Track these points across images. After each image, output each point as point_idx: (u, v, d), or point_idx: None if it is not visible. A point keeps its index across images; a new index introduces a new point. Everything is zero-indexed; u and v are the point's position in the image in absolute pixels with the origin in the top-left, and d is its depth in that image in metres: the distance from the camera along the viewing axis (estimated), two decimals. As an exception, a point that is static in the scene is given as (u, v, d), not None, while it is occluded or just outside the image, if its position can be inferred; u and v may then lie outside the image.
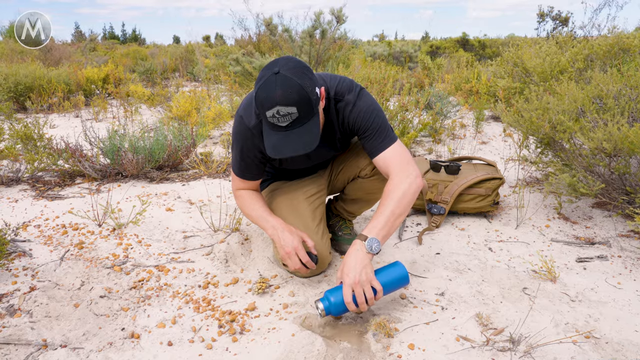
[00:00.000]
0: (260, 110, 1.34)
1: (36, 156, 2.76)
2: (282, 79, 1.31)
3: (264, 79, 1.33)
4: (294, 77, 1.31)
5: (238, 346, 1.35)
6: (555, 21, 7.88)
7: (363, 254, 1.40)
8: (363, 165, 1.77)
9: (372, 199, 1.89)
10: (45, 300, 1.53)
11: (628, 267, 1.82)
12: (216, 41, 18.47)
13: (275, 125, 1.35)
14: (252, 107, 1.54)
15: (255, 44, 7.69)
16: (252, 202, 1.71)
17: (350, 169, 1.82)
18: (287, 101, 1.30)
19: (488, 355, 1.31)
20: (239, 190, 1.75)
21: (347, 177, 1.85)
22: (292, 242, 1.59)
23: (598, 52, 2.90)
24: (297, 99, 1.31)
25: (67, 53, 9.61)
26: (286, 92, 1.30)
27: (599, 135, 1.86)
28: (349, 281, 1.36)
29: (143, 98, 5.40)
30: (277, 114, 1.32)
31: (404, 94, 3.70)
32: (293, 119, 1.33)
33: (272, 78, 1.31)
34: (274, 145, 1.37)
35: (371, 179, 1.77)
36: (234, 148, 1.65)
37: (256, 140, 1.56)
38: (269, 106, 1.31)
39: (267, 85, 1.32)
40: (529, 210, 2.37)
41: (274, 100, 1.30)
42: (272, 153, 1.38)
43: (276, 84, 1.30)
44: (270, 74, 1.32)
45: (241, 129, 1.57)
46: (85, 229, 2.12)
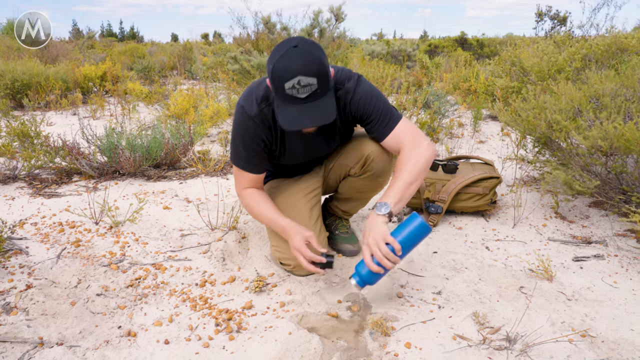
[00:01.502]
0: (278, 83, 1.33)
1: (33, 154, 2.75)
2: (302, 51, 1.32)
3: (281, 53, 1.33)
4: (314, 51, 1.34)
5: (235, 344, 1.35)
6: (553, 21, 7.89)
7: (374, 217, 1.45)
8: (351, 164, 1.76)
9: (363, 197, 1.89)
10: (41, 298, 1.52)
11: (624, 266, 1.82)
12: (214, 39, 18.44)
13: (294, 97, 1.34)
14: (252, 97, 1.54)
15: (254, 42, 7.67)
16: (260, 203, 1.67)
17: (339, 168, 1.82)
18: (308, 71, 1.31)
19: (484, 354, 1.31)
20: (244, 189, 1.70)
21: (337, 175, 1.85)
22: (293, 243, 1.55)
23: (596, 51, 2.91)
24: (318, 70, 1.33)
25: (65, 50, 9.57)
26: (308, 63, 1.31)
27: (594, 134, 1.86)
28: (366, 246, 1.42)
29: (141, 96, 5.38)
30: (298, 85, 1.32)
31: (402, 92, 3.70)
32: (312, 90, 1.34)
33: (292, 50, 1.32)
34: (292, 117, 1.36)
35: (361, 178, 1.77)
36: (235, 140, 1.62)
37: (258, 129, 1.56)
38: (290, 76, 1.31)
39: (287, 57, 1.32)
40: (526, 210, 2.38)
41: (296, 70, 1.31)
42: (290, 125, 1.37)
43: (297, 55, 1.31)
44: (289, 47, 1.33)
45: (243, 118, 1.56)
46: (82, 226, 2.11)
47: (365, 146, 1.71)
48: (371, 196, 1.90)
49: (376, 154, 1.69)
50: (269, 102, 1.54)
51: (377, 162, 1.70)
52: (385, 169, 1.73)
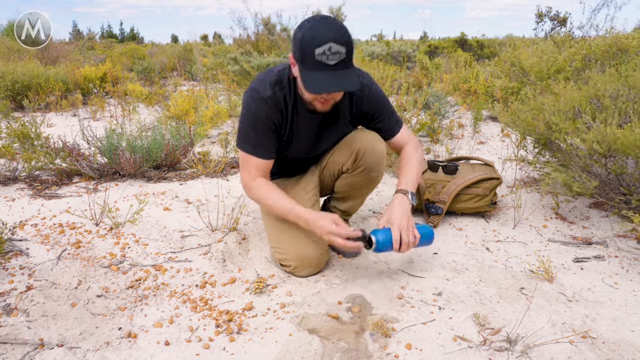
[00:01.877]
0: (308, 50, 1.37)
1: (33, 155, 2.75)
2: (332, 21, 1.39)
3: (311, 24, 1.39)
4: (342, 24, 1.41)
5: (235, 346, 1.35)
6: (553, 21, 7.89)
7: (407, 204, 1.60)
8: (343, 161, 1.78)
9: (360, 195, 1.89)
10: (42, 300, 1.52)
11: (625, 267, 1.82)
12: (214, 40, 18.44)
13: (323, 64, 1.38)
14: (266, 82, 1.59)
15: (254, 43, 7.68)
16: (274, 193, 1.63)
17: (333, 166, 1.83)
18: (339, 39, 1.36)
19: (485, 355, 1.31)
20: (254, 180, 1.66)
21: (332, 173, 1.85)
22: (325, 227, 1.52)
23: (596, 52, 2.91)
24: (347, 40, 1.39)
25: (65, 52, 9.57)
26: (338, 32, 1.37)
27: (591, 137, 1.86)
28: (399, 223, 1.55)
29: (141, 97, 5.39)
30: (329, 51, 1.36)
31: (402, 93, 3.70)
32: (341, 58, 1.38)
33: (322, 21, 1.39)
34: (320, 82, 1.40)
35: (354, 174, 1.78)
36: (246, 123, 1.61)
37: (270, 111, 1.58)
38: (321, 43, 1.35)
39: (318, 26, 1.38)
40: (526, 211, 2.38)
41: (327, 37, 1.36)
42: (317, 89, 1.41)
43: (327, 24, 1.38)
44: (319, 19, 1.40)
45: (256, 100, 1.58)
46: (82, 228, 2.11)
47: (356, 142, 1.73)
48: (367, 193, 1.90)
49: (367, 148, 1.71)
50: (282, 86, 1.59)
51: (368, 157, 1.72)
52: (377, 163, 1.74)
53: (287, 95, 1.60)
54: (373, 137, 1.74)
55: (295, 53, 1.44)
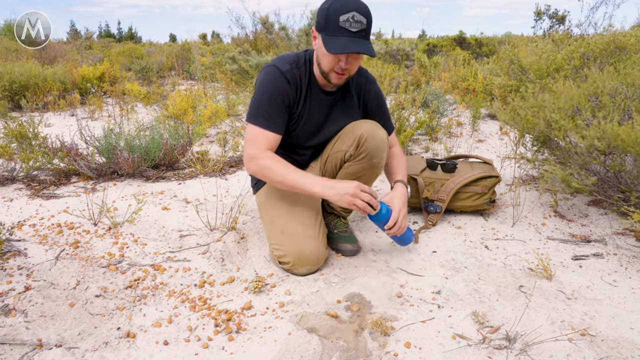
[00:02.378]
0: (333, 16, 1.50)
1: (31, 155, 2.74)
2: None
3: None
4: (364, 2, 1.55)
5: (234, 345, 1.35)
6: (552, 19, 7.89)
7: (406, 194, 1.80)
8: (346, 147, 1.79)
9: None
10: (40, 300, 1.52)
11: (623, 264, 1.82)
12: (213, 39, 18.42)
13: (345, 30, 1.51)
14: (284, 59, 1.70)
15: (252, 42, 7.67)
16: (282, 166, 1.64)
17: (335, 155, 1.84)
18: (362, 10, 1.51)
19: (484, 353, 1.31)
20: (261, 152, 1.65)
21: (334, 164, 1.85)
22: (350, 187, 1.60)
23: (594, 50, 2.91)
24: (368, 14, 1.54)
25: (63, 51, 9.56)
26: (362, 4, 1.52)
27: (591, 133, 1.86)
28: (399, 208, 1.73)
29: (139, 96, 5.38)
30: (352, 19, 1.50)
31: (401, 92, 3.70)
32: (362, 27, 1.52)
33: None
34: (342, 44, 1.52)
35: (356, 160, 1.78)
36: (260, 95, 1.67)
37: (287, 85, 1.67)
38: (346, 10, 1.49)
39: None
40: (525, 208, 2.38)
41: (352, 6, 1.50)
42: (339, 49, 1.51)
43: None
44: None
45: (274, 72, 1.67)
46: (80, 228, 2.11)
47: (358, 128, 1.77)
48: (369, 183, 1.89)
49: (369, 134, 1.74)
50: (299, 65, 1.70)
51: (370, 142, 1.73)
52: (379, 149, 1.75)
53: (302, 75, 1.71)
54: (374, 124, 1.78)
55: (319, 23, 1.56)
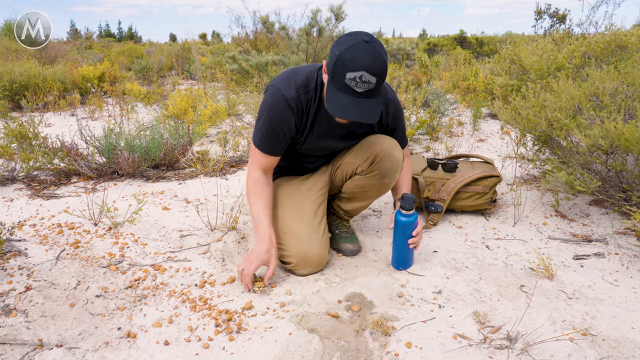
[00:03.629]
0: (341, 70, 1.38)
1: (31, 155, 2.74)
2: (372, 49, 1.37)
3: (351, 43, 1.38)
4: (382, 53, 1.39)
5: (235, 345, 1.35)
6: (552, 18, 7.88)
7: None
8: (360, 162, 1.77)
9: (367, 197, 1.88)
10: (41, 300, 1.52)
11: (625, 264, 1.82)
12: (213, 39, 18.42)
13: (350, 89, 1.40)
14: (291, 82, 1.59)
15: (252, 42, 7.66)
16: (259, 196, 1.69)
17: (347, 166, 1.82)
18: (373, 70, 1.37)
19: (485, 353, 1.31)
20: (255, 171, 1.72)
21: (344, 174, 1.85)
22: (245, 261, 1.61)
23: (595, 49, 2.90)
24: (380, 72, 1.39)
25: (63, 51, 9.56)
26: (375, 61, 1.37)
27: (595, 132, 1.86)
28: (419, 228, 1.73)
29: (139, 96, 5.37)
30: (359, 79, 1.37)
31: (402, 91, 3.69)
32: (369, 88, 1.40)
33: (363, 45, 1.37)
34: (342, 106, 1.42)
35: (367, 176, 1.77)
36: (262, 118, 1.64)
37: (290, 112, 1.61)
38: (354, 69, 1.36)
39: (357, 49, 1.37)
40: (526, 208, 2.37)
41: (362, 64, 1.36)
42: (337, 113, 1.43)
43: (367, 51, 1.37)
44: (361, 40, 1.38)
45: (277, 99, 1.59)
46: (81, 228, 2.10)
47: (375, 146, 1.74)
48: (375, 197, 1.88)
49: (385, 154, 1.72)
50: (307, 89, 1.60)
51: (385, 162, 1.72)
52: (393, 170, 1.74)
53: (311, 99, 1.62)
54: (392, 143, 1.75)
55: (328, 66, 1.45)
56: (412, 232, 1.69)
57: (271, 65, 5.72)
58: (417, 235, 1.69)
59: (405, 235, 1.69)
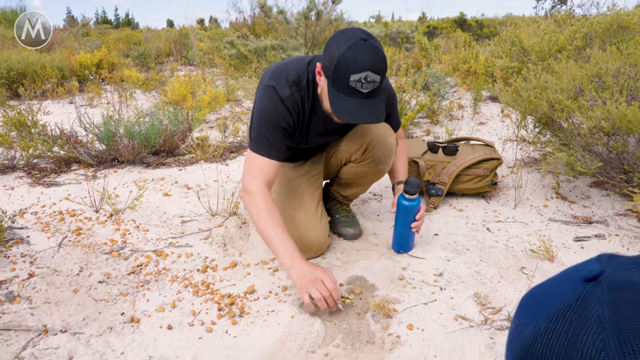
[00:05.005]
0: (343, 73, 1.31)
1: (31, 143, 2.73)
2: (372, 46, 1.32)
3: (350, 43, 1.31)
4: (380, 49, 1.34)
5: (237, 329, 1.36)
6: (553, 0, 7.78)
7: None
8: (353, 151, 1.76)
9: (364, 183, 1.87)
10: (44, 287, 1.53)
11: (625, 245, 1.82)
12: (210, 24, 18.21)
13: (355, 91, 1.33)
14: (283, 79, 1.50)
15: (250, 27, 7.59)
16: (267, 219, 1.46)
17: (341, 154, 1.81)
18: (377, 69, 1.32)
19: (486, 334, 1.32)
20: (259, 186, 1.49)
21: (339, 161, 1.84)
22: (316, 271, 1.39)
23: (597, 30, 2.87)
24: (383, 69, 1.34)
25: (60, 38, 9.46)
26: (377, 60, 1.32)
27: (597, 114, 1.84)
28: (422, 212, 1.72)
29: (137, 83, 5.34)
30: (364, 80, 1.32)
31: (401, 75, 3.66)
32: (374, 87, 1.35)
33: (362, 43, 1.31)
34: (350, 110, 1.35)
35: (362, 164, 1.76)
36: (259, 120, 1.51)
37: (287, 112, 1.51)
38: (359, 70, 1.30)
39: (357, 49, 1.30)
40: (526, 191, 2.37)
41: (366, 65, 1.30)
42: (347, 118, 1.36)
43: (367, 50, 1.31)
44: (358, 39, 1.31)
45: (273, 100, 1.49)
46: (82, 215, 2.11)
47: (368, 133, 1.71)
48: (371, 182, 1.89)
49: (377, 141, 1.69)
50: (300, 87, 1.52)
51: (378, 149, 1.70)
52: (386, 157, 1.73)
53: (304, 97, 1.54)
54: (385, 130, 1.71)
55: (326, 69, 1.36)
56: (415, 216, 1.69)
57: (270, 50, 5.67)
58: (419, 219, 1.69)
59: (408, 219, 1.69)
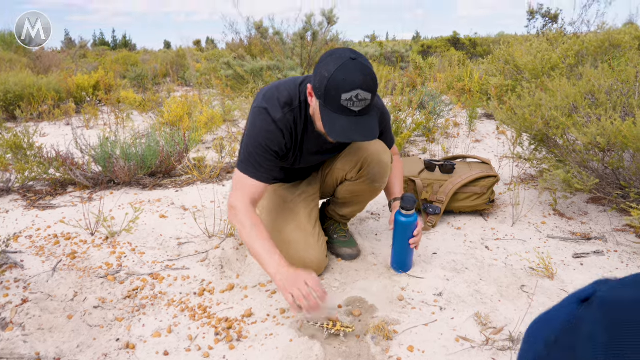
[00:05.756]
0: (334, 93, 1.32)
1: (26, 165, 2.72)
2: (361, 65, 1.33)
3: (339, 63, 1.32)
4: (370, 67, 1.35)
5: (235, 354, 1.33)
6: (545, 18, 7.92)
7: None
8: (348, 169, 1.75)
9: (360, 201, 1.87)
10: (37, 313, 1.50)
11: (624, 261, 1.82)
12: (207, 45, 18.42)
13: (347, 110, 1.34)
14: (275, 101, 1.50)
15: (247, 48, 7.67)
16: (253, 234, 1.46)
17: (336, 172, 1.81)
18: (367, 87, 1.33)
19: (488, 354, 1.30)
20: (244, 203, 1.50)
21: (335, 180, 1.84)
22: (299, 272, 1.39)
23: (589, 48, 2.91)
24: (373, 87, 1.35)
25: (57, 60, 9.52)
26: (367, 78, 1.33)
27: (592, 130, 1.86)
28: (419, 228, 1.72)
29: (134, 104, 5.36)
30: (356, 98, 1.32)
31: (397, 94, 3.69)
32: (365, 105, 1.35)
33: (351, 62, 1.32)
34: (343, 129, 1.36)
35: (357, 182, 1.76)
36: (251, 143, 1.50)
37: (279, 134, 1.50)
38: (349, 89, 1.31)
39: (347, 69, 1.32)
40: (524, 208, 2.37)
41: (357, 84, 1.31)
42: (340, 137, 1.37)
43: (357, 69, 1.32)
44: (347, 59, 1.33)
45: (266, 121, 1.48)
46: (77, 238, 2.09)
47: (362, 151, 1.71)
48: (368, 200, 1.88)
49: (372, 159, 1.69)
50: (292, 107, 1.52)
51: (373, 167, 1.70)
52: (381, 175, 1.72)
53: (297, 118, 1.54)
54: (379, 147, 1.71)
55: (317, 90, 1.36)
56: (413, 232, 1.68)
57: (266, 71, 5.72)
58: (417, 235, 1.68)
59: (406, 235, 1.68)
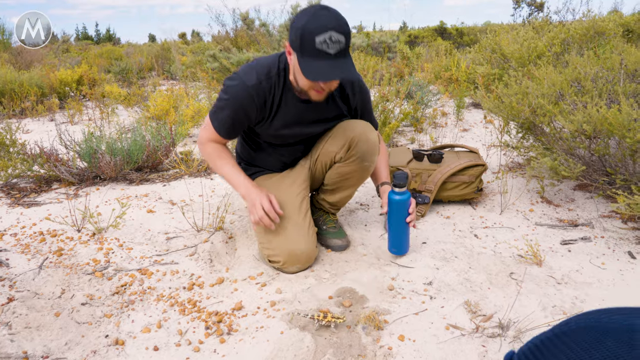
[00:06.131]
0: (309, 37, 1.39)
1: (10, 162, 2.67)
2: (332, 12, 1.42)
3: (311, 13, 1.41)
4: (341, 15, 1.43)
5: (226, 347, 1.33)
6: (530, 7, 7.95)
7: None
8: (337, 149, 1.77)
9: (350, 184, 1.87)
10: (24, 311, 1.48)
11: (611, 247, 1.84)
12: (192, 38, 18.21)
13: (323, 52, 1.40)
14: (253, 71, 1.60)
15: (233, 40, 7.59)
16: (222, 157, 1.75)
17: (325, 156, 1.82)
18: (340, 28, 1.39)
19: (478, 342, 1.31)
20: (209, 142, 1.76)
21: (324, 164, 1.84)
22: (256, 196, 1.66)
23: (574, 36, 2.93)
24: (346, 30, 1.42)
25: (39, 55, 9.34)
26: (339, 21, 1.40)
27: (578, 118, 1.87)
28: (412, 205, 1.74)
29: (119, 98, 5.28)
30: (329, 40, 1.38)
31: (384, 84, 3.68)
32: (341, 47, 1.41)
33: (322, 11, 1.41)
34: (320, 70, 1.41)
35: (347, 162, 1.77)
36: (222, 104, 1.65)
37: (249, 100, 1.61)
38: (322, 31, 1.38)
39: (319, 16, 1.40)
40: (512, 196, 2.39)
41: (328, 25, 1.38)
42: (318, 77, 1.42)
43: (328, 14, 1.40)
44: (318, 9, 1.42)
45: (237, 86, 1.60)
46: (63, 235, 2.06)
47: (349, 130, 1.74)
48: (357, 184, 1.88)
49: (360, 137, 1.72)
50: (270, 76, 1.61)
51: (361, 146, 1.72)
52: (370, 152, 1.74)
53: (274, 85, 1.62)
54: (366, 126, 1.75)
55: (293, 42, 1.45)
56: (408, 209, 1.68)
57: (253, 63, 5.67)
58: (413, 212, 1.70)
59: (402, 214, 1.69)
